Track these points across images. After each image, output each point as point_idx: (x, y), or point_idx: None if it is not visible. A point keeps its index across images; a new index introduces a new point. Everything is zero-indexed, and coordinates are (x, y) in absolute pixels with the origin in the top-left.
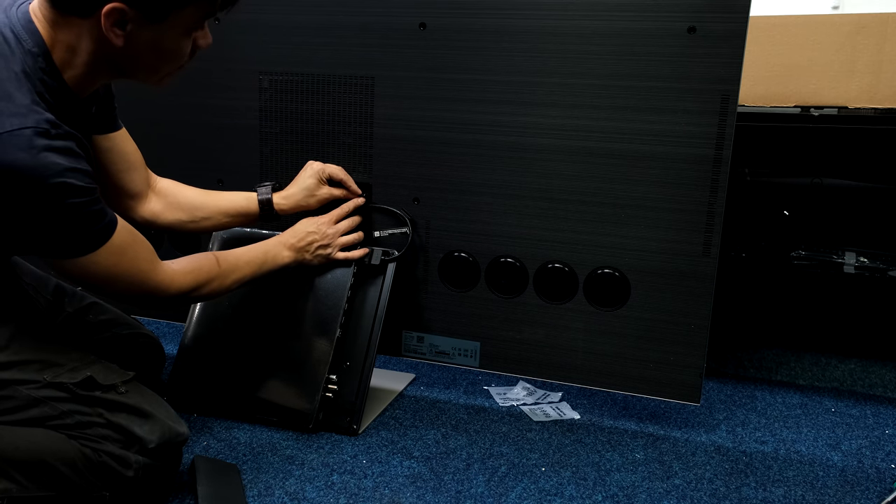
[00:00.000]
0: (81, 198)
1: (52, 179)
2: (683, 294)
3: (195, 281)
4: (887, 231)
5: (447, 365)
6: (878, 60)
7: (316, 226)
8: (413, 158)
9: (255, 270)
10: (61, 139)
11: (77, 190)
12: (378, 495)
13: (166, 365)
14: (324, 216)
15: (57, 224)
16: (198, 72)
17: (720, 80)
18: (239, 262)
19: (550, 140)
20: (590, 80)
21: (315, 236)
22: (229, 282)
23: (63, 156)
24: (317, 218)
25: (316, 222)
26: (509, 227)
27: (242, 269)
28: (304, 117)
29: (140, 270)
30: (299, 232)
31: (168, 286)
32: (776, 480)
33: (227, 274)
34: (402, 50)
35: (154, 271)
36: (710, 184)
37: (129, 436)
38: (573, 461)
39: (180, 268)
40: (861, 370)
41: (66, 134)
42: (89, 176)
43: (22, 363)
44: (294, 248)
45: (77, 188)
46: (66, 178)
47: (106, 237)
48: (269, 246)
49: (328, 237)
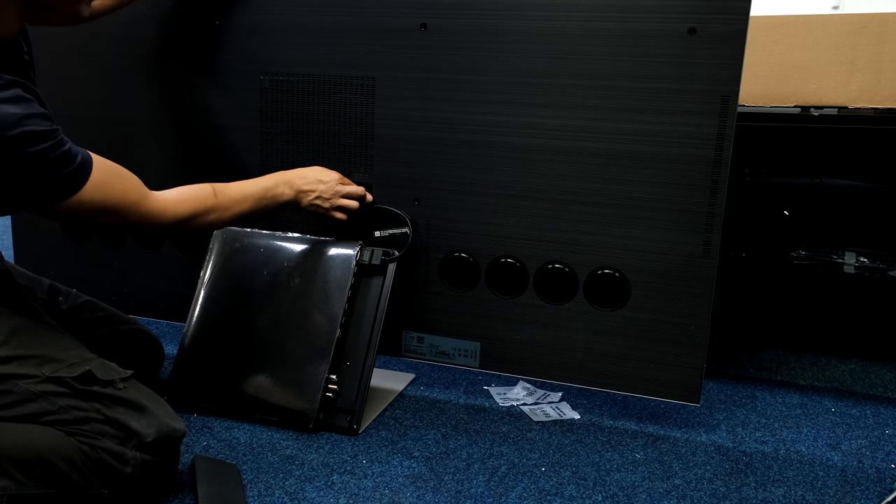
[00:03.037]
0: (46, 142)
1: (10, 132)
2: (683, 294)
3: (191, 209)
4: (887, 231)
5: (447, 365)
6: (878, 60)
7: (327, 177)
8: (413, 158)
9: (255, 205)
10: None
11: (39, 135)
12: (378, 495)
13: (166, 365)
14: (336, 173)
15: (29, 174)
16: (198, 72)
17: (720, 80)
18: (239, 195)
19: (551, 140)
20: (590, 80)
21: (322, 187)
22: (229, 214)
23: (14, 104)
24: (330, 172)
25: (328, 174)
26: (509, 227)
27: (242, 204)
28: (304, 118)
29: (130, 202)
30: (309, 177)
31: (161, 214)
32: (776, 480)
33: (226, 206)
34: (402, 50)
35: (144, 200)
36: (710, 184)
37: (127, 430)
38: (573, 461)
39: (173, 197)
40: (861, 370)
41: (8, 83)
42: (47, 118)
43: (21, 358)
44: (297, 189)
45: (38, 133)
46: (24, 126)
47: (84, 176)
48: (270, 183)
49: (331, 194)
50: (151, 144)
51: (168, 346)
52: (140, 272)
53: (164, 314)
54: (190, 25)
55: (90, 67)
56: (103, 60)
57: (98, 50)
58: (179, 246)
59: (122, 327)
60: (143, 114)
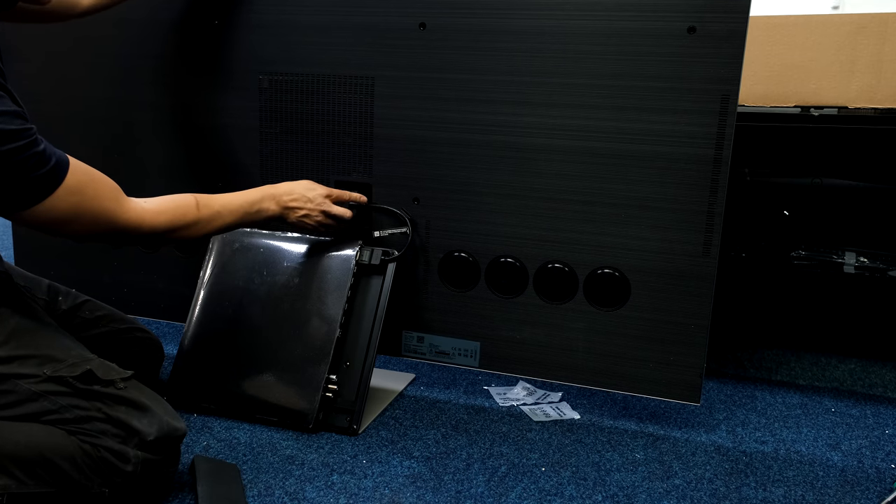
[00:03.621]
0: (17, 141)
1: None
2: (683, 294)
3: (170, 222)
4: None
5: (447, 365)
6: (878, 60)
7: (314, 194)
8: (413, 158)
9: (238, 219)
10: None
11: (10, 134)
12: (378, 495)
13: (166, 365)
14: (324, 188)
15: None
16: (198, 72)
17: (720, 80)
18: (223, 208)
19: (551, 140)
20: (589, 80)
21: (309, 205)
22: (210, 227)
23: None
24: (317, 187)
25: (314, 190)
26: (509, 227)
27: (225, 217)
28: (304, 117)
29: (105, 209)
30: (295, 192)
31: (139, 224)
32: (776, 480)
33: (208, 219)
34: (401, 50)
35: (121, 209)
36: (710, 184)
37: (128, 429)
38: (573, 461)
39: (153, 207)
40: (861, 370)
41: None
42: (20, 116)
43: (21, 358)
44: (283, 205)
45: (9, 133)
46: None
47: (58, 179)
48: (255, 197)
49: (318, 210)
50: (151, 144)
51: (168, 346)
52: (140, 272)
53: (164, 314)
54: (190, 25)
55: (90, 68)
56: (103, 61)
57: (98, 50)
58: (179, 246)
59: (121, 327)
60: (142, 113)
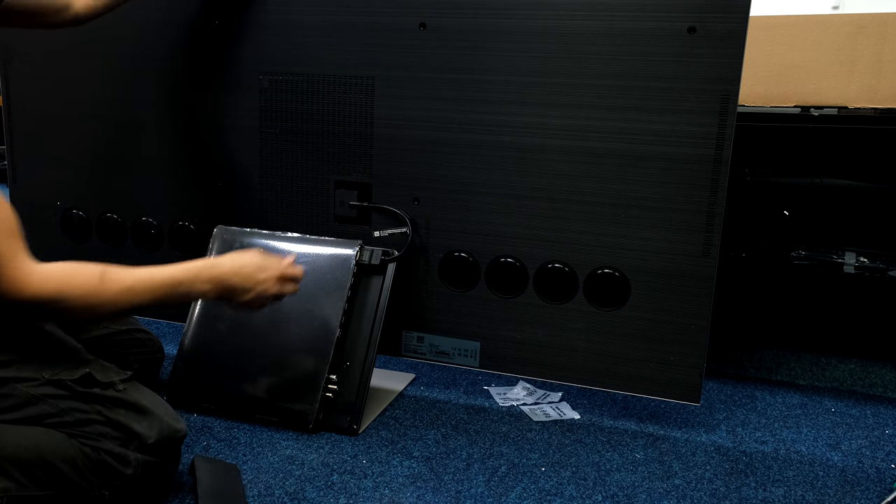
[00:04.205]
0: None
1: None
2: (683, 294)
3: (57, 289)
4: (887, 231)
5: (447, 365)
6: (878, 60)
7: (266, 273)
8: (413, 158)
9: (159, 298)
10: None
11: None
12: (378, 495)
13: (166, 365)
14: (276, 261)
15: None
16: (198, 72)
17: (720, 80)
18: (137, 285)
19: (551, 140)
20: (590, 80)
21: (261, 287)
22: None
23: None
24: (269, 261)
25: (267, 268)
26: (509, 227)
27: (140, 295)
28: (304, 117)
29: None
30: (243, 271)
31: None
32: (776, 480)
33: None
34: (402, 50)
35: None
36: (710, 184)
37: (128, 432)
38: (573, 461)
39: (48, 268)
40: (861, 370)
41: None
42: None
43: (20, 361)
44: (228, 287)
45: None
46: None
47: None
48: (185, 277)
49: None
50: (151, 144)
51: (168, 346)
52: None
53: (164, 314)
54: (190, 26)
55: (90, 68)
56: (103, 61)
57: (98, 51)
58: (179, 246)
59: (121, 327)
60: (142, 113)
